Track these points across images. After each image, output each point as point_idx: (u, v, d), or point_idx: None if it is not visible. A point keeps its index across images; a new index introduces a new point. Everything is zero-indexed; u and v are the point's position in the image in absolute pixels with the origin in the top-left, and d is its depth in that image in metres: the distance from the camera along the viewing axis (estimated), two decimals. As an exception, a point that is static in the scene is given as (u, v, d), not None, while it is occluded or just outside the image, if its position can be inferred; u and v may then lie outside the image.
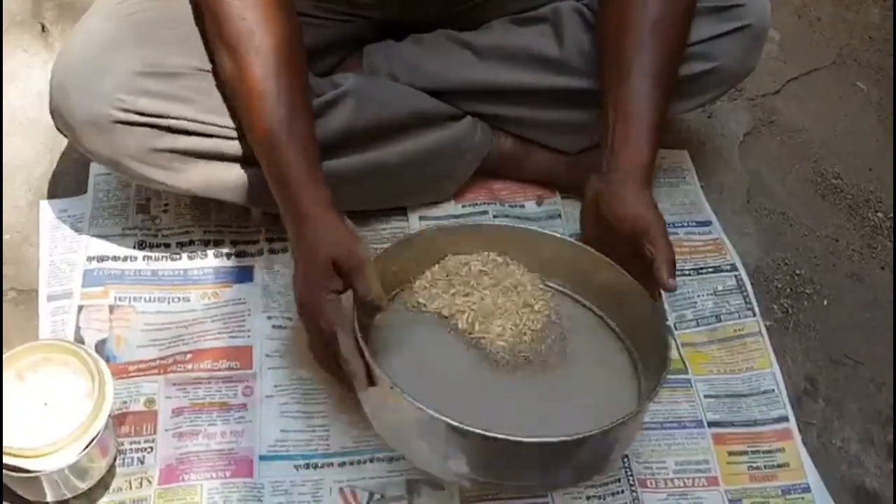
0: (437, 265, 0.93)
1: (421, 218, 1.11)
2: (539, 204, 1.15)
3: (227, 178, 0.95)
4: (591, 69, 1.02)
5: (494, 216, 1.12)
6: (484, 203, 1.14)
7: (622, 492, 0.91)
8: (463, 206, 1.13)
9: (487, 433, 0.74)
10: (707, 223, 1.15)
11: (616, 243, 0.90)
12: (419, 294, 0.90)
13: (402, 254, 0.91)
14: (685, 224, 1.14)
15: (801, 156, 1.26)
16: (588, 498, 0.90)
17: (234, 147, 0.93)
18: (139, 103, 0.88)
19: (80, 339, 0.95)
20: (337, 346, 0.80)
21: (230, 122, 0.92)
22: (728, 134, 1.26)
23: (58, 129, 0.93)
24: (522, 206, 1.15)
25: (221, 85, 0.91)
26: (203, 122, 0.91)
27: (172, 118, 0.90)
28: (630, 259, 0.89)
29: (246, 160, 0.94)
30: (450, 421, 0.74)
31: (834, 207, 1.21)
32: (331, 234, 0.83)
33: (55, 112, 0.90)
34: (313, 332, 0.84)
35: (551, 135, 1.11)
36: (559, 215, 1.13)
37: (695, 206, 1.16)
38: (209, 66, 0.91)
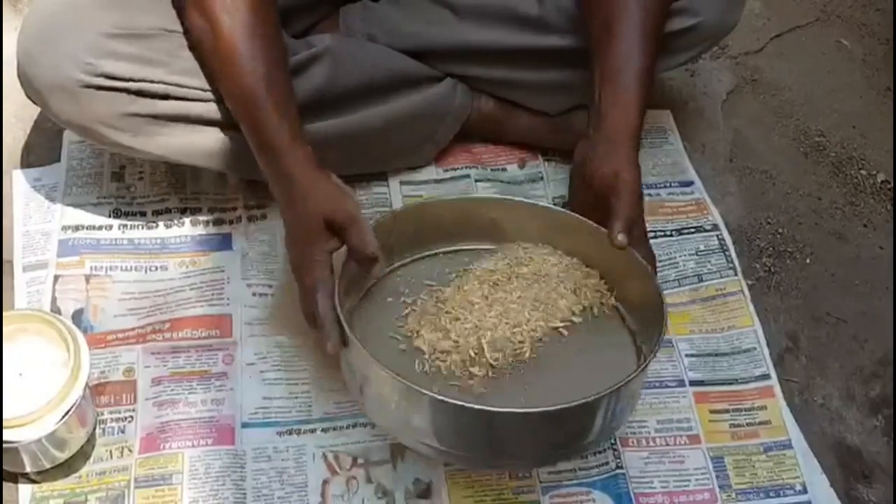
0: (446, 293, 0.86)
1: (402, 183, 1.10)
2: (521, 167, 1.14)
3: (202, 144, 0.93)
4: (571, 28, 1.01)
5: (477, 180, 1.11)
6: (465, 167, 1.13)
7: (604, 451, 0.91)
8: (444, 171, 1.12)
9: (441, 397, 0.73)
10: (689, 183, 1.14)
11: (599, 206, 0.89)
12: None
13: (395, 227, 0.89)
14: (667, 185, 1.14)
15: (785, 114, 1.25)
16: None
17: (209, 110, 0.91)
18: (108, 66, 0.86)
19: (56, 310, 0.94)
20: (316, 303, 0.80)
21: (204, 85, 0.90)
22: (711, 93, 1.25)
23: (27, 95, 0.91)
24: (504, 170, 1.14)
25: (194, 47, 0.89)
26: (176, 85, 0.89)
27: (143, 81, 0.88)
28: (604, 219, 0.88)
29: (221, 124, 0.92)
30: (412, 385, 0.73)
31: (817, 166, 1.20)
32: (321, 192, 0.82)
33: (23, 78, 0.88)
34: (301, 289, 0.83)
35: (532, 96, 1.09)
36: (542, 178, 1.13)
37: (677, 167, 1.15)
38: (180, 28, 0.89)
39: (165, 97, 0.89)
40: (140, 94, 0.88)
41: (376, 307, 0.87)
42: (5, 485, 0.85)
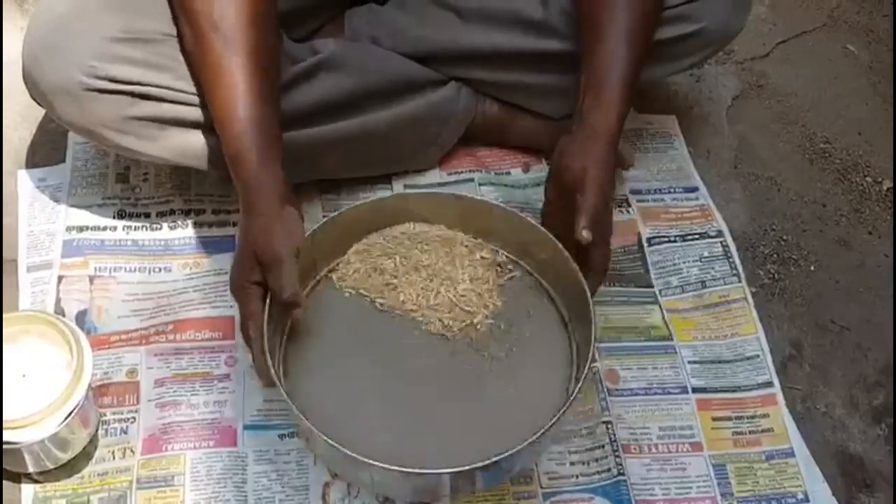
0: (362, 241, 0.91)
1: (405, 186, 1.10)
2: (525, 171, 1.14)
3: (205, 147, 0.93)
4: (575, 31, 1.01)
5: (480, 184, 1.11)
6: (469, 170, 1.12)
7: (606, 457, 0.91)
8: (448, 174, 1.12)
9: (374, 463, 0.74)
10: (694, 189, 1.14)
11: (567, 200, 0.88)
12: (346, 280, 0.89)
13: (330, 233, 0.89)
14: (672, 190, 1.14)
15: (790, 120, 1.24)
16: (572, 464, 0.91)
17: (211, 115, 0.91)
18: (112, 70, 0.86)
19: (60, 310, 0.95)
20: (248, 337, 0.81)
21: None
22: (716, 98, 1.25)
23: (32, 97, 0.91)
24: (508, 174, 1.13)
25: (183, 54, 0.89)
26: (178, 90, 0.89)
27: (147, 85, 0.88)
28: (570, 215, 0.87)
29: None
30: (345, 451, 0.75)
31: (822, 172, 1.20)
32: (260, 225, 0.81)
33: (28, 80, 0.88)
34: (240, 310, 0.83)
35: (536, 99, 1.09)
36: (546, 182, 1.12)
37: (682, 172, 1.15)
38: None
39: (169, 101, 0.90)
40: (144, 97, 0.88)
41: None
42: (8, 485, 0.85)
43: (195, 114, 0.91)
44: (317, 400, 0.83)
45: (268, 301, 0.81)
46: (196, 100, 0.90)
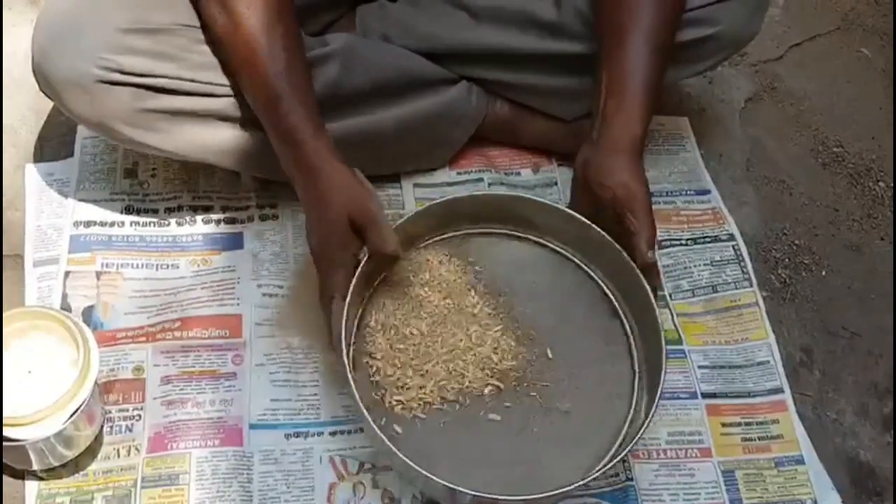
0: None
1: (415, 185, 1.09)
2: (535, 172, 1.13)
3: (216, 140, 0.93)
4: (588, 33, 1.00)
5: (490, 184, 1.10)
6: (479, 170, 1.12)
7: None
8: (458, 174, 1.11)
9: (440, 481, 0.76)
10: (706, 192, 1.13)
11: (600, 214, 0.89)
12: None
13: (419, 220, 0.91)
14: (683, 193, 1.13)
15: (803, 123, 1.23)
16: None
17: (224, 106, 0.91)
18: (124, 62, 0.85)
19: (66, 306, 0.94)
20: (330, 311, 0.81)
21: (219, 80, 0.90)
22: (729, 100, 1.24)
23: (41, 90, 0.90)
24: (518, 174, 1.13)
25: (213, 41, 0.88)
26: (191, 81, 0.88)
27: (159, 77, 0.87)
28: (612, 230, 0.88)
29: (235, 120, 0.92)
30: (412, 465, 0.76)
31: (835, 177, 1.19)
32: (344, 189, 0.83)
33: (37, 73, 0.87)
34: (320, 285, 0.85)
35: (548, 101, 1.08)
36: (556, 183, 1.12)
37: (694, 175, 1.14)
38: (196, 22, 0.89)
39: (180, 93, 0.89)
40: (155, 89, 0.88)
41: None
42: (12, 482, 0.85)
43: (207, 105, 0.90)
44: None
45: (362, 264, 0.82)
46: (208, 90, 0.89)
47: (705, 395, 0.96)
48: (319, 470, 0.88)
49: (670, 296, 1.03)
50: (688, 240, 1.08)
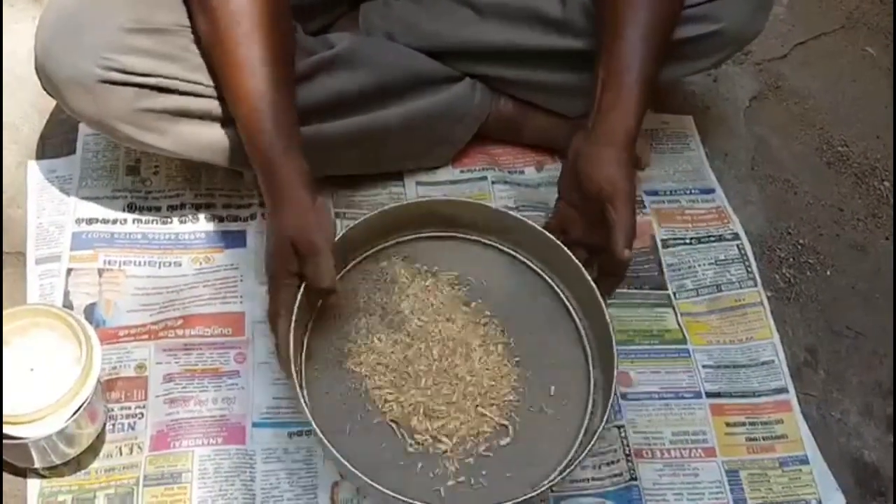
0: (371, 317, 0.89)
1: (418, 183, 1.09)
2: (539, 170, 1.13)
3: (217, 141, 0.92)
4: (593, 30, 0.99)
5: (493, 182, 1.10)
6: (482, 168, 1.11)
7: (618, 461, 0.90)
8: (461, 172, 1.11)
9: (370, 482, 0.75)
10: (710, 191, 1.12)
11: (586, 205, 0.89)
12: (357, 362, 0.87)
13: (361, 231, 0.90)
14: (688, 191, 1.12)
15: (808, 122, 1.23)
16: (583, 468, 0.89)
17: (223, 107, 0.90)
18: (126, 61, 0.85)
19: (68, 303, 0.94)
20: (276, 328, 0.82)
21: None
22: (733, 99, 1.23)
23: (43, 88, 0.90)
24: (522, 172, 1.12)
25: (199, 47, 0.88)
26: (192, 82, 0.88)
27: (161, 76, 0.87)
28: (597, 223, 0.87)
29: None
30: (348, 466, 0.75)
31: (839, 176, 1.18)
32: (295, 216, 0.82)
33: (40, 71, 0.87)
34: (271, 299, 0.85)
35: (552, 98, 1.08)
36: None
37: (698, 173, 1.14)
38: None
39: (183, 93, 0.88)
40: (157, 89, 0.87)
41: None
42: (14, 480, 0.85)
43: (208, 106, 0.90)
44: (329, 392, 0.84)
45: (301, 290, 0.82)
46: (209, 91, 0.89)
47: (709, 395, 0.96)
48: (322, 469, 0.88)
49: (674, 295, 1.03)
50: (692, 239, 1.07)
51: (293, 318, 0.81)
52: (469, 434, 0.84)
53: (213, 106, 0.90)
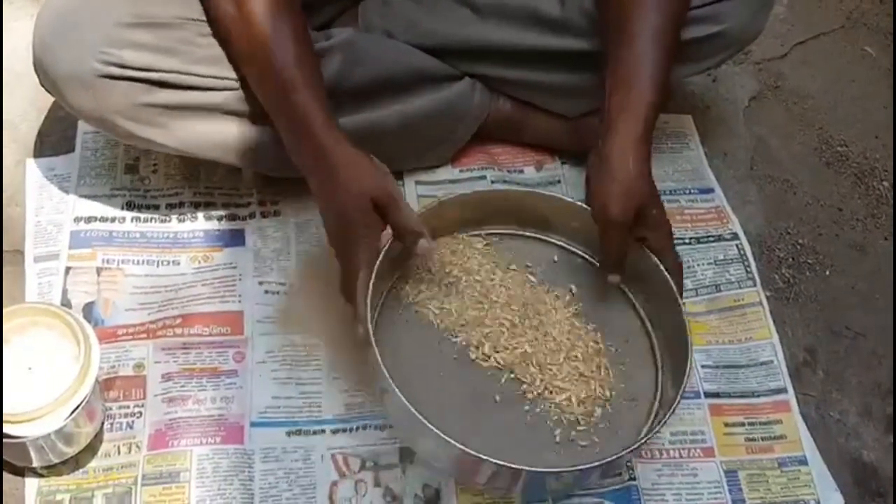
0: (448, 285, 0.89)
1: (417, 183, 1.09)
2: (538, 169, 1.13)
3: (218, 136, 0.92)
4: (592, 30, 0.99)
5: (493, 181, 1.10)
6: (482, 168, 1.11)
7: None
8: (461, 171, 1.11)
9: (444, 437, 0.74)
10: (709, 190, 1.12)
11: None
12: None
13: (440, 212, 0.89)
14: (687, 191, 1.12)
15: (807, 122, 1.23)
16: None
17: (226, 100, 0.90)
18: (125, 56, 0.85)
19: (67, 302, 0.94)
20: (353, 298, 0.81)
21: (221, 74, 0.89)
22: (733, 99, 1.23)
23: (42, 85, 0.90)
24: (521, 172, 1.12)
25: (220, 34, 0.88)
26: (192, 75, 0.88)
27: (160, 71, 0.87)
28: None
29: (238, 115, 0.91)
30: (419, 417, 0.74)
31: (839, 176, 1.18)
32: (364, 172, 0.83)
33: (38, 67, 0.87)
34: (343, 270, 0.84)
35: (552, 98, 1.08)
36: (559, 181, 1.11)
37: (697, 173, 1.14)
38: (198, 16, 0.88)
39: (182, 87, 0.88)
40: (156, 84, 0.87)
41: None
42: (12, 479, 0.85)
43: (209, 99, 0.89)
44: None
45: (382, 252, 0.81)
46: (211, 83, 0.89)
47: (708, 395, 0.96)
48: (321, 468, 0.88)
49: (673, 295, 1.03)
50: (691, 238, 1.07)
51: (373, 275, 0.80)
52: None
53: (215, 100, 0.90)
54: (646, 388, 0.86)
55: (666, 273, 0.86)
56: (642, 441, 0.80)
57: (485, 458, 0.74)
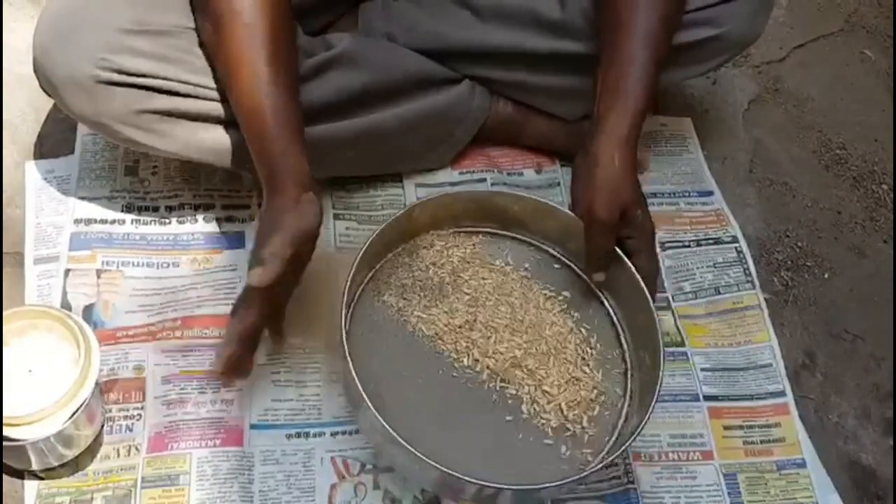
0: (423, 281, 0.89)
1: (417, 185, 1.09)
2: (538, 172, 1.13)
3: (216, 142, 0.92)
4: (593, 33, 0.99)
5: (492, 184, 1.10)
6: (482, 170, 1.11)
7: (615, 464, 0.90)
8: (460, 173, 1.11)
9: (418, 454, 0.74)
10: (709, 193, 1.13)
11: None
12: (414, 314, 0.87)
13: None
14: (686, 194, 1.12)
15: (806, 125, 1.23)
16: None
17: (224, 109, 0.90)
18: (124, 63, 0.84)
19: (66, 304, 0.94)
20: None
21: (218, 84, 0.89)
22: (732, 102, 1.23)
23: (42, 88, 0.89)
24: (521, 174, 1.12)
25: (203, 47, 0.88)
26: (190, 83, 0.88)
27: (159, 78, 0.87)
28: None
29: (235, 123, 0.91)
30: (393, 434, 0.74)
31: (838, 179, 1.19)
32: (276, 209, 0.80)
33: (38, 71, 0.87)
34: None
35: (551, 101, 1.08)
36: (558, 183, 1.11)
37: (696, 176, 1.14)
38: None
39: (182, 94, 0.88)
40: (156, 90, 0.87)
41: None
42: (12, 482, 0.85)
43: (207, 108, 0.89)
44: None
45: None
46: (209, 93, 0.89)
47: (707, 398, 0.96)
48: (320, 470, 0.88)
49: (673, 298, 1.03)
50: (690, 241, 1.08)
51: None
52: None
53: (214, 108, 0.90)
54: (620, 394, 0.86)
55: (638, 276, 0.85)
56: (613, 455, 0.79)
57: (468, 479, 0.74)
